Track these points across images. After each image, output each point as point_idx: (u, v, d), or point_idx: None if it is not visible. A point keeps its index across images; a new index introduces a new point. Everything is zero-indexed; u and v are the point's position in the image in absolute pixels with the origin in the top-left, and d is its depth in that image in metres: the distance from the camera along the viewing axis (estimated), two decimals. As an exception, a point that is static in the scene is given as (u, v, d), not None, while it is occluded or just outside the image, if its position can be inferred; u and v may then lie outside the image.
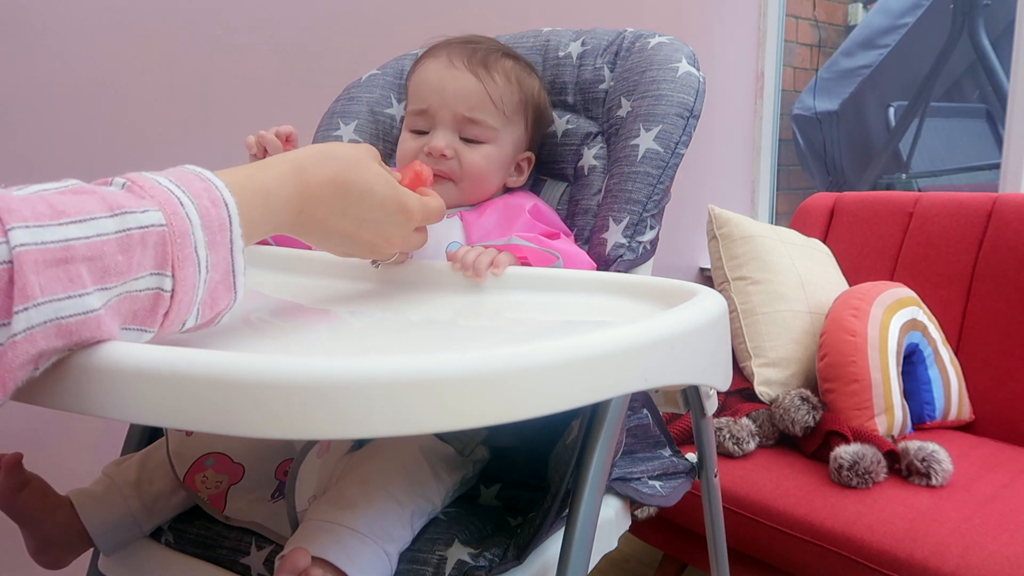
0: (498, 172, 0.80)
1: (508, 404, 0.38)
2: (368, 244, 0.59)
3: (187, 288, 0.41)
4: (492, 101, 0.77)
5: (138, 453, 0.74)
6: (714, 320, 0.52)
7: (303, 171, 0.52)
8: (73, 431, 1.14)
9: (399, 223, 0.60)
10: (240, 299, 0.46)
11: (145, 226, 0.39)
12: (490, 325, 0.61)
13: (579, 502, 0.55)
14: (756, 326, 1.50)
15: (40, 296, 0.34)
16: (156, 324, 0.41)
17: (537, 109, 0.83)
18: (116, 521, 0.68)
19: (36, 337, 0.34)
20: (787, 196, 2.54)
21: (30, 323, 0.33)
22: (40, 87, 1.06)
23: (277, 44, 1.27)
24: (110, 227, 0.37)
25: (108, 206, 0.38)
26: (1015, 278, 1.48)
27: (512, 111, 0.79)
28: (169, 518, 0.71)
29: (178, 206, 0.41)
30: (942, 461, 1.21)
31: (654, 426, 0.83)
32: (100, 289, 0.37)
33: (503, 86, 0.78)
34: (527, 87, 0.81)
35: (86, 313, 0.36)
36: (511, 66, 0.80)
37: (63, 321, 0.35)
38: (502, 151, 0.79)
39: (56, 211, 0.35)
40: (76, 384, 0.37)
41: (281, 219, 0.51)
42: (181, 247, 0.40)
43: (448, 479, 0.69)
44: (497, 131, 0.78)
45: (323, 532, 0.58)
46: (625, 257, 0.74)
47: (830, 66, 2.80)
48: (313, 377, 0.34)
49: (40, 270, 0.34)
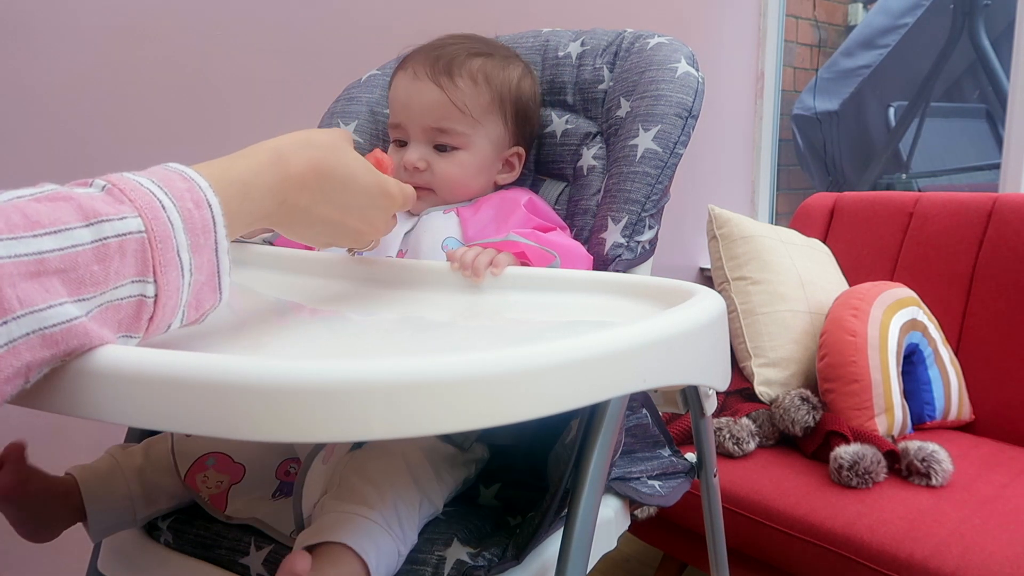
0: (478, 175, 0.80)
1: (507, 405, 0.38)
2: (353, 231, 0.58)
3: (171, 292, 0.41)
4: (457, 108, 0.77)
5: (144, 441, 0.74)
6: (713, 320, 0.52)
7: (283, 159, 0.51)
8: (72, 431, 1.14)
9: (382, 207, 0.59)
10: (225, 299, 0.46)
11: (123, 234, 0.38)
12: (489, 325, 0.61)
13: (578, 502, 0.55)
14: (756, 326, 1.50)
15: (19, 309, 0.33)
16: (141, 330, 0.41)
17: (517, 102, 0.82)
18: (114, 502, 0.68)
19: (20, 350, 0.33)
20: (787, 196, 2.54)
21: (11, 336, 0.33)
22: (40, 87, 1.06)
23: (277, 44, 1.28)
24: (85, 237, 0.37)
25: (84, 215, 0.37)
26: (1015, 278, 1.48)
27: (482, 112, 0.79)
28: (164, 510, 0.71)
29: (159, 210, 0.40)
30: (942, 461, 1.21)
31: (653, 426, 0.84)
32: (77, 300, 0.36)
33: (468, 90, 0.78)
34: (500, 83, 0.80)
35: (69, 321, 0.35)
36: (479, 66, 0.79)
37: (47, 331, 0.34)
38: (478, 154, 0.79)
39: (30, 222, 0.35)
40: (73, 388, 0.37)
41: (263, 208, 0.50)
42: (163, 252, 0.40)
43: (450, 479, 0.70)
44: (468, 136, 0.78)
45: (342, 521, 0.58)
46: (623, 257, 0.74)
47: (830, 66, 2.80)
48: (311, 380, 0.34)
49: (16, 283, 0.33)
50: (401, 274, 0.69)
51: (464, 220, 0.77)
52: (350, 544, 0.56)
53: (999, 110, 2.36)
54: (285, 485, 0.72)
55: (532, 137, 0.87)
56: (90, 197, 0.38)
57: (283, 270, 0.72)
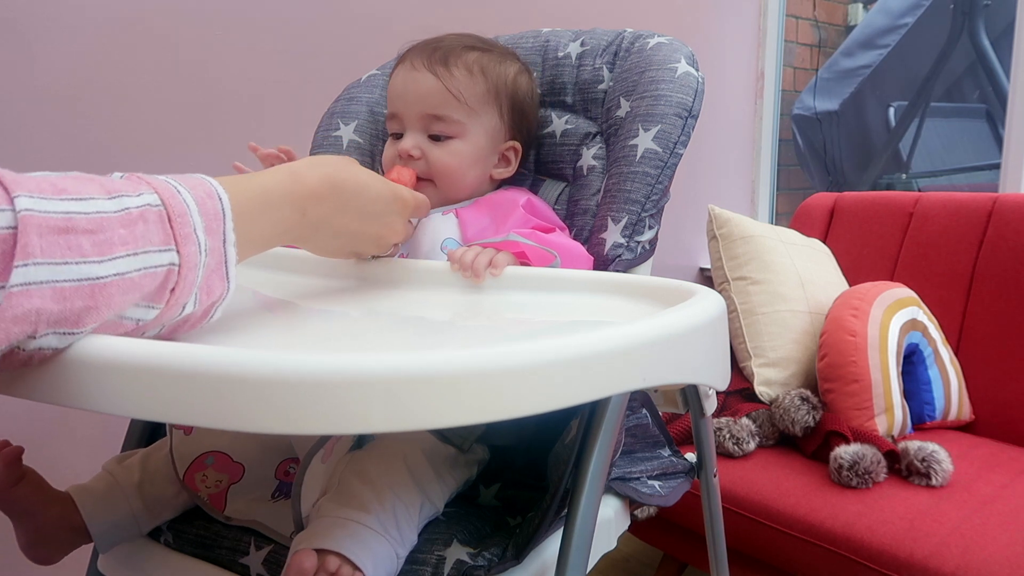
0: (474, 166, 0.80)
1: (507, 400, 0.38)
2: (374, 237, 0.63)
3: (190, 266, 0.42)
4: (452, 95, 0.77)
5: (140, 452, 0.74)
6: (712, 320, 0.52)
7: (297, 174, 0.55)
8: (72, 429, 1.14)
9: (397, 211, 0.64)
10: (233, 291, 0.47)
11: (142, 205, 0.40)
12: (488, 325, 0.61)
13: (578, 501, 0.55)
14: (756, 326, 1.50)
15: (40, 256, 0.34)
16: (163, 301, 0.42)
17: (513, 96, 0.81)
18: (117, 520, 0.68)
19: (32, 294, 0.34)
20: (787, 196, 2.54)
21: (27, 279, 0.34)
22: (40, 87, 1.06)
23: (277, 44, 1.28)
24: (109, 207, 0.38)
25: (106, 190, 0.39)
26: (1015, 278, 1.48)
27: (478, 102, 0.78)
28: (168, 519, 0.71)
29: (175, 193, 0.42)
30: (942, 461, 1.21)
31: (653, 426, 0.84)
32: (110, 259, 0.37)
33: (463, 79, 0.77)
34: (496, 75, 0.80)
35: (80, 280, 0.36)
36: (475, 58, 0.79)
37: (59, 285, 0.35)
38: (473, 144, 0.79)
39: (58, 188, 0.37)
40: (75, 379, 0.37)
41: (285, 219, 0.53)
42: (181, 226, 0.41)
43: (451, 480, 0.70)
44: (463, 124, 0.78)
45: (338, 527, 0.58)
46: (624, 257, 0.74)
47: (830, 66, 2.80)
48: (311, 372, 0.34)
49: (43, 234, 0.35)
50: (401, 274, 0.70)
51: (463, 221, 0.77)
52: (346, 554, 0.56)
53: (999, 110, 2.36)
54: (284, 485, 0.72)
55: (530, 135, 0.87)
56: (109, 179, 0.41)
57: (283, 270, 0.72)
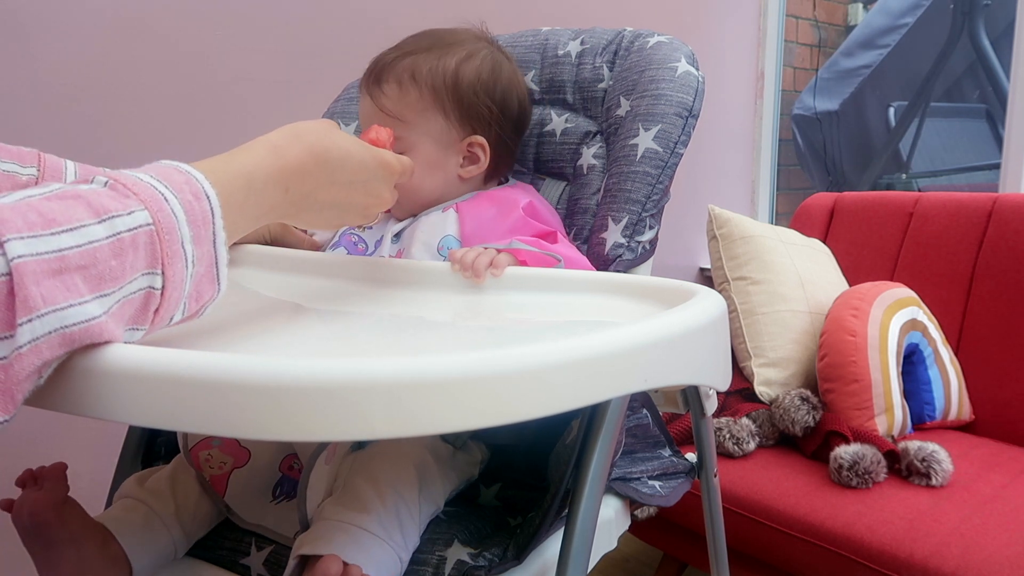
0: (429, 175, 0.77)
1: (508, 405, 0.38)
2: (360, 207, 0.60)
3: (176, 284, 0.41)
4: (385, 114, 0.76)
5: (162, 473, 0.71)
6: (713, 320, 0.52)
7: (278, 150, 0.52)
8: (73, 431, 1.14)
9: (383, 178, 0.61)
10: (224, 291, 0.46)
11: (133, 228, 0.39)
12: (489, 325, 0.61)
13: (579, 502, 0.55)
14: (756, 326, 1.50)
15: (43, 307, 0.34)
16: (147, 322, 0.41)
17: (455, 89, 0.77)
18: (159, 549, 0.66)
19: (41, 348, 0.34)
20: (787, 196, 2.54)
21: (35, 334, 0.33)
22: (40, 87, 1.06)
23: (277, 43, 1.27)
24: (100, 233, 0.37)
25: (95, 211, 0.37)
26: (1015, 278, 1.48)
27: (412, 112, 0.76)
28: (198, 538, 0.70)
29: (163, 202, 0.41)
30: (942, 461, 1.21)
31: (654, 426, 0.83)
32: (98, 297, 0.37)
33: (392, 93, 0.76)
34: (430, 76, 0.77)
35: (88, 321, 0.36)
36: (407, 65, 0.77)
37: (67, 330, 0.35)
38: (420, 154, 0.76)
39: (47, 219, 0.35)
40: (79, 387, 0.37)
41: (268, 199, 0.51)
42: (169, 244, 0.40)
43: (453, 476, 0.70)
44: (404, 139, 0.75)
45: (340, 532, 0.58)
46: (624, 257, 0.74)
47: (830, 66, 2.80)
48: (314, 378, 0.34)
49: (40, 280, 0.34)
50: (401, 274, 0.69)
51: (463, 216, 0.76)
52: (346, 559, 0.56)
53: (999, 110, 2.36)
54: (287, 480, 0.71)
55: (503, 121, 0.80)
56: (96, 193, 0.39)
57: (283, 270, 0.72)
